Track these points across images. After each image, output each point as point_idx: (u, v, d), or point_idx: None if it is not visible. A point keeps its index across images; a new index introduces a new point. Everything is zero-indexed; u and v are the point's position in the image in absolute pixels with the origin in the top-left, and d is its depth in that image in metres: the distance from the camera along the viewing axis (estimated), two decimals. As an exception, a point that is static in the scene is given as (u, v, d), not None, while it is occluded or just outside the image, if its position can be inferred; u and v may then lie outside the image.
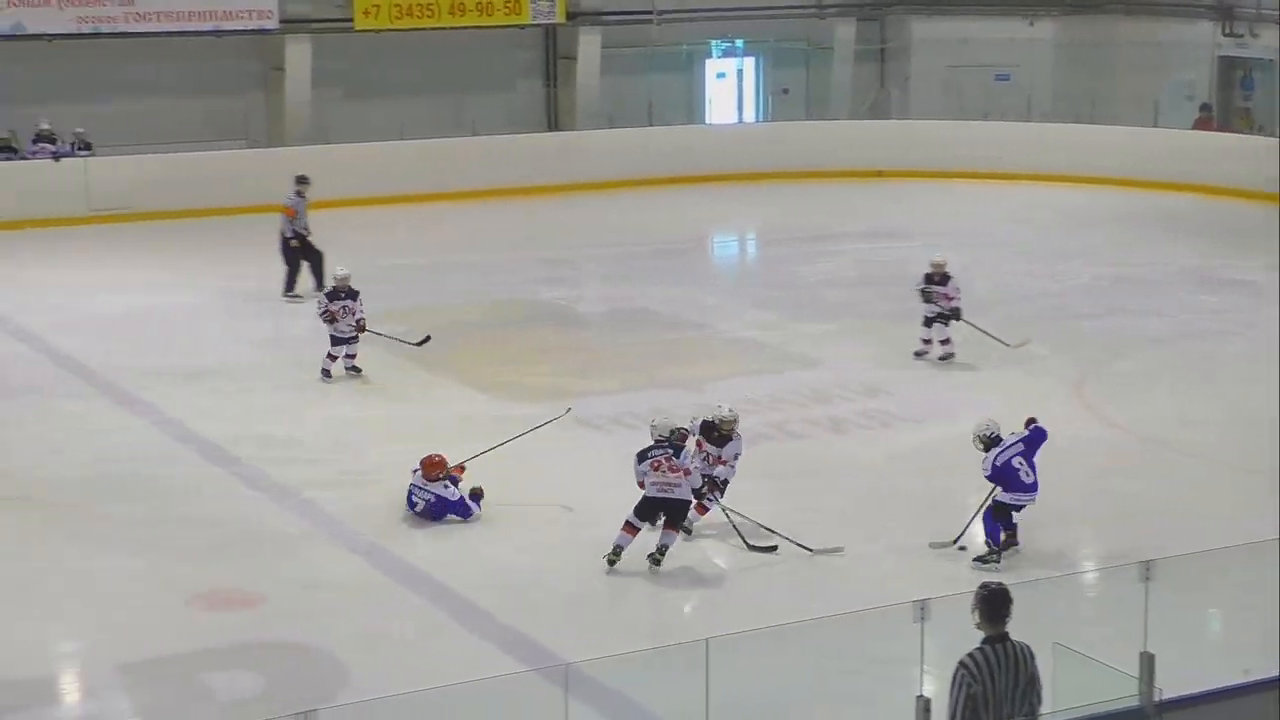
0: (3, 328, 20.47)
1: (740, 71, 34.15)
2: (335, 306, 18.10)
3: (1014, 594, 8.14)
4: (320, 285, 21.41)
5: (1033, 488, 13.19)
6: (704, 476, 13.32)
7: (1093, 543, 14.11)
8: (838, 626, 10.58)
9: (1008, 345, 18.93)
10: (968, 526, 13.35)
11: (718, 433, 13.64)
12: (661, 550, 12.93)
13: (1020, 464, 13.19)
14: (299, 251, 22.03)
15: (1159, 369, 19.09)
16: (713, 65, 33.90)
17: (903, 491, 14.75)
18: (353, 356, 18.26)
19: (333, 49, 30.04)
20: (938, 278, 18.96)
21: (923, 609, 8.81)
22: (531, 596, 12.44)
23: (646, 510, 12.98)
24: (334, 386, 18.05)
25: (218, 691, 11.07)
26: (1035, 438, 13.43)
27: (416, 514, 13.94)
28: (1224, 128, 31.85)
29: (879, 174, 31.46)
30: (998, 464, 13.14)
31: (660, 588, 12.73)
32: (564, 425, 16.32)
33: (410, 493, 14.01)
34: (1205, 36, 32.51)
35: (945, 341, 18.90)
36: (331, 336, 18.14)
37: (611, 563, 12.83)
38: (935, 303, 18.85)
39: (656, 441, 13.06)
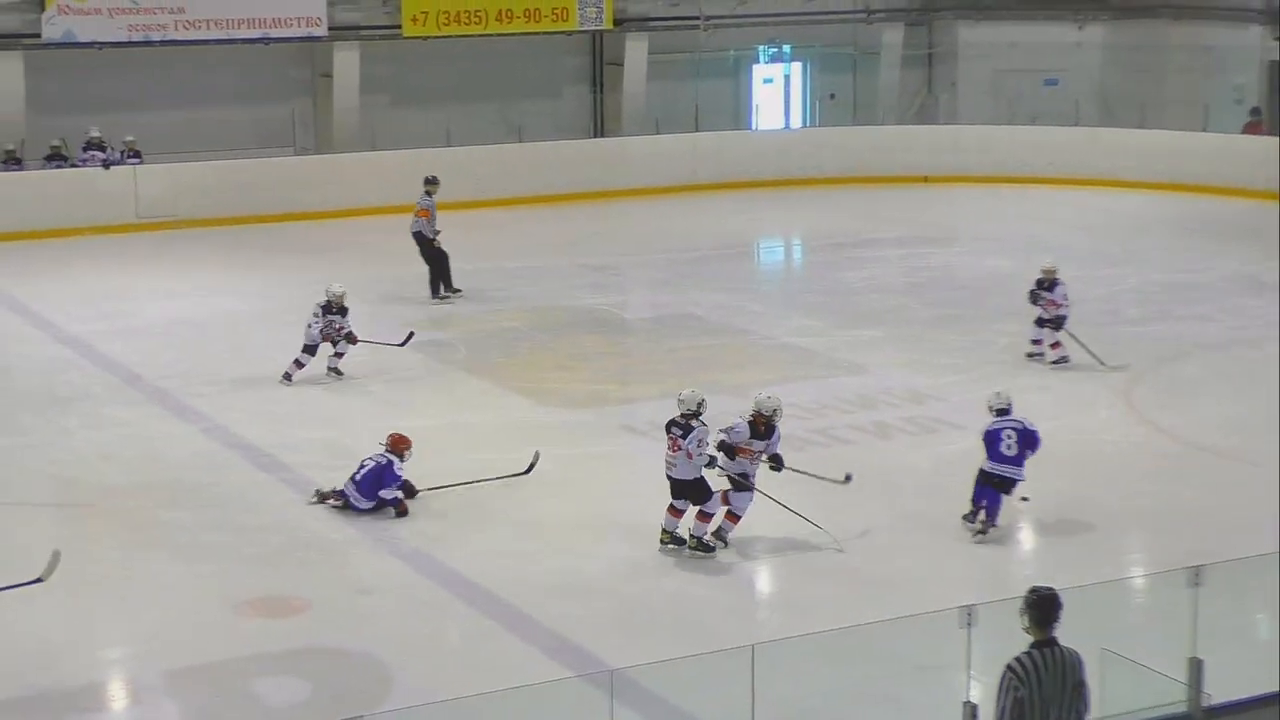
0: (53, 334, 20.65)
1: (787, 77, 34.14)
2: (326, 321, 18.39)
3: (1063, 599, 8.11)
4: (437, 290, 22.17)
5: (1011, 461, 13.73)
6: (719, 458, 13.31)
7: (1142, 548, 14.05)
8: (884, 632, 10.57)
9: (1104, 365, 18.79)
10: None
11: (764, 425, 13.51)
12: (696, 540, 13.18)
13: (1008, 436, 13.79)
14: (435, 251, 22.30)
15: (1208, 375, 18.99)
16: (759, 71, 33.89)
17: (950, 496, 14.70)
18: (301, 366, 18.37)
19: (380, 56, 30.19)
20: (1047, 283, 19.10)
21: (969, 614, 8.79)
22: (577, 602, 12.46)
23: (674, 490, 13.30)
24: (380, 394, 18.13)
25: (264, 697, 11.12)
26: (1032, 433, 13.87)
27: (355, 481, 14.16)
28: (1274, 132, 31.63)
29: (925, 179, 31.39)
30: (989, 429, 13.86)
31: (706, 592, 12.73)
32: (608, 431, 16.42)
33: (363, 464, 14.29)
34: (1254, 40, 32.33)
35: (1056, 345, 18.98)
36: (305, 345, 18.35)
37: (664, 542, 13.27)
38: (1042, 308, 18.95)
39: (681, 416, 13.27)
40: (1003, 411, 14.00)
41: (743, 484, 13.49)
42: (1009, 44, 33.50)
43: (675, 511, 13.33)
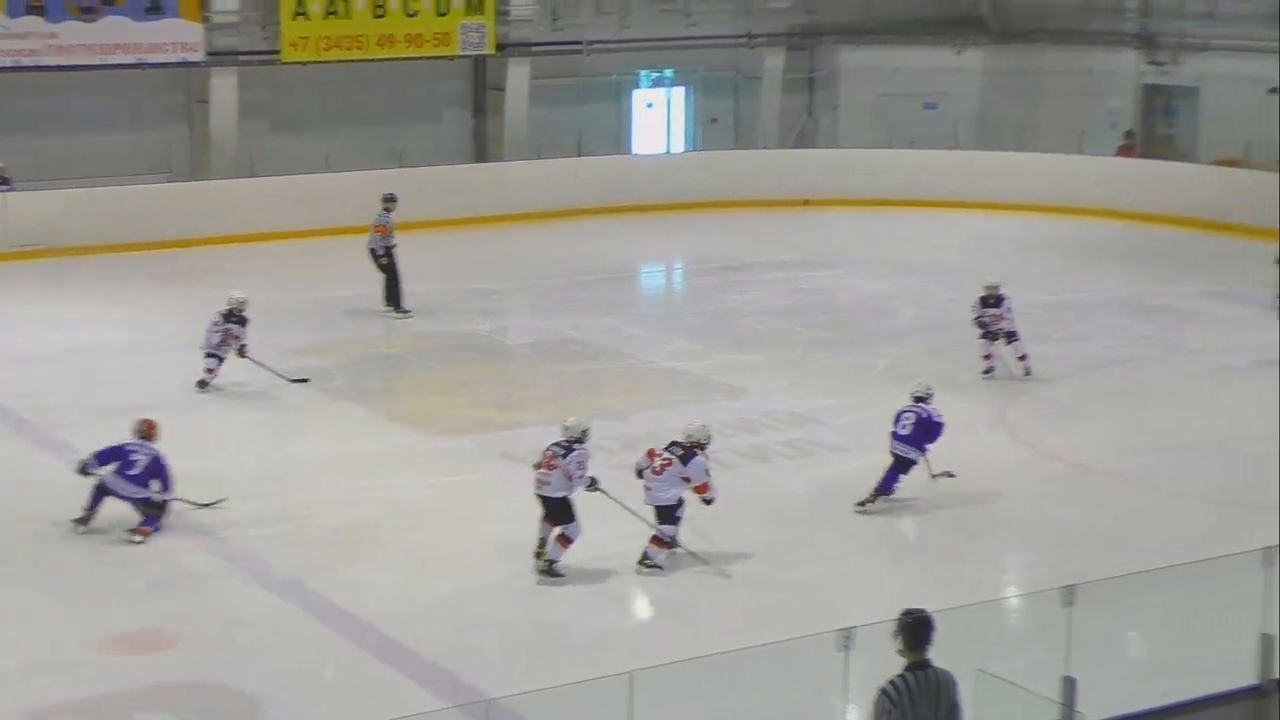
0: (-81, 365, 20.19)
1: (669, 101, 34.21)
2: (225, 329, 18.76)
3: (937, 621, 8.13)
4: (395, 303, 22.66)
5: (905, 440, 14.86)
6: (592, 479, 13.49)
7: (1020, 569, 14.16)
8: (763, 656, 10.53)
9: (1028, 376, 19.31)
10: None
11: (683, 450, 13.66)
12: (548, 564, 13.27)
13: (906, 418, 14.96)
14: (390, 267, 22.80)
15: (1087, 396, 19.19)
16: (641, 95, 33.93)
17: (829, 519, 14.75)
18: (211, 372, 18.73)
19: (259, 81, 29.89)
20: (992, 300, 19.50)
21: (847, 638, 8.79)
22: (455, 631, 12.35)
23: (544, 507, 13.43)
24: (257, 422, 17.91)
25: (133, 733, 10.90)
26: (933, 423, 14.97)
27: (130, 477, 14.19)
28: (1147, 155, 32.17)
29: (806, 203, 31.57)
30: (897, 410, 15.01)
31: (587, 618, 12.65)
32: (488, 458, 16.33)
33: (128, 453, 14.28)
34: (1129, 64, 32.88)
35: (1023, 358, 19.51)
36: (206, 352, 18.77)
37: (538, 555, 13.35)
38: (987, 325, 19.40)
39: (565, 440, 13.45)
40: (919, 399, 15.17)
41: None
42: (890, 68, 33.81)
43: (549, 520, 13.48)
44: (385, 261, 22.89)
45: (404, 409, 18.48)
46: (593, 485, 13.52)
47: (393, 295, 22.85)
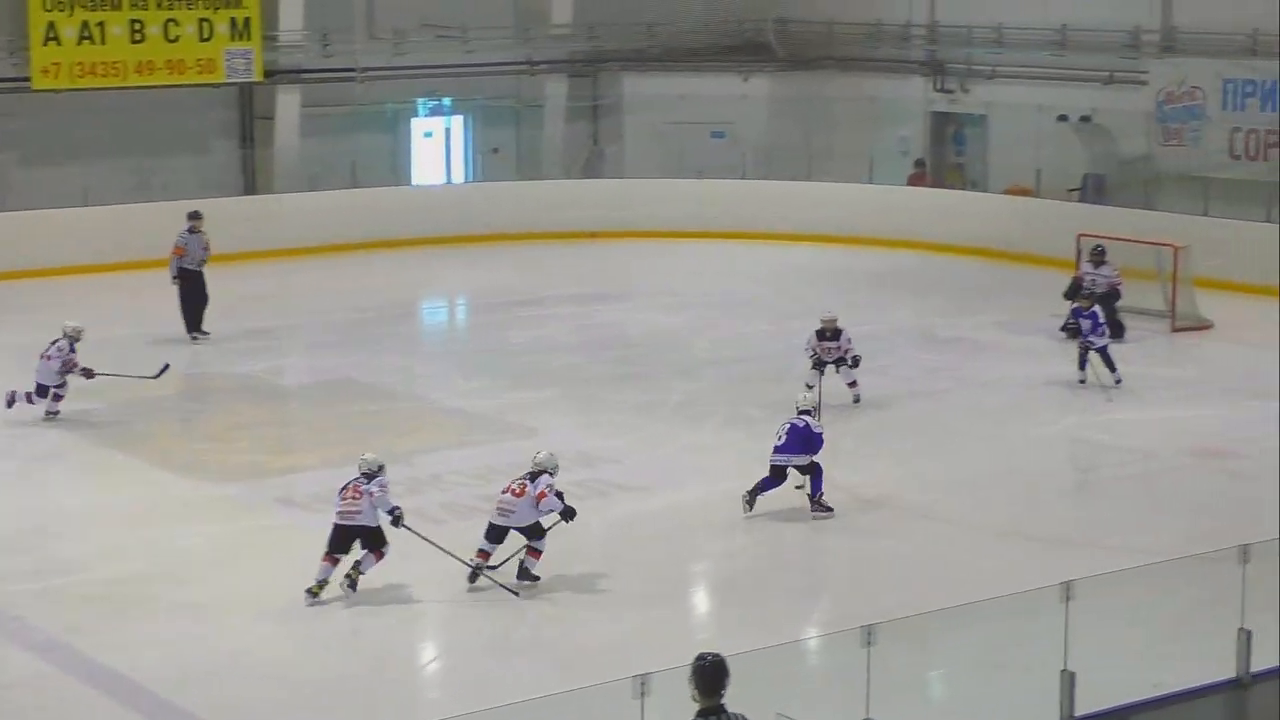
0: None
1: (448, 130, 34.20)
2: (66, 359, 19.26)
3: (732, 664, 8.23)
4: (191, 328, 23.28)
5: (780, 450, 16.05)
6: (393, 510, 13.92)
7: (819, 608, 14.38)
8: (559, 705, 10.56)
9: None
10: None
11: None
12: (355, 567, 13.71)
13: (782, 428, 16.17)
14: (187, 288, 23.33)
15: (880, 429, 19.57)
16: (419, 124, 33.86)
17: (623, 562, 14.83)
18: (60, 399, 19.25)
19: (8, 110, 29.21)
20: (829, 333, 19.94)
21: (643, 684, 8.85)
22: (232, 687, 12.17)
23: (336, 539, 13.73)
24: (14, 472, 17.48)
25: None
26: (810, 434, 16.10)
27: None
28: (938, 184, 32.98)
29: (593, 235, 31.77)
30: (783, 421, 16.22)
31: (372, 671, 12.57)
32: (264, 505, 16.14)
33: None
34: (918, 92, 33.72)
35: (852, 384, 20.09)
36: (39, 385, 19.10)
37: (314, 594, 13.55)
38: (822, 357, 19.83)
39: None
40: (803, 412, 16.36)
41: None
42: (676, 96, 34.19)
43: (330, 558, 13.75)
44: (178, 284, 23.28)
45: (175, 454, 18.19)
46: (395, 517, 13.90)
47: (188, 317, 23.24)
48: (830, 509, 16.00)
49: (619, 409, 20.02)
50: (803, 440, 16.03)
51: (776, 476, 16.03)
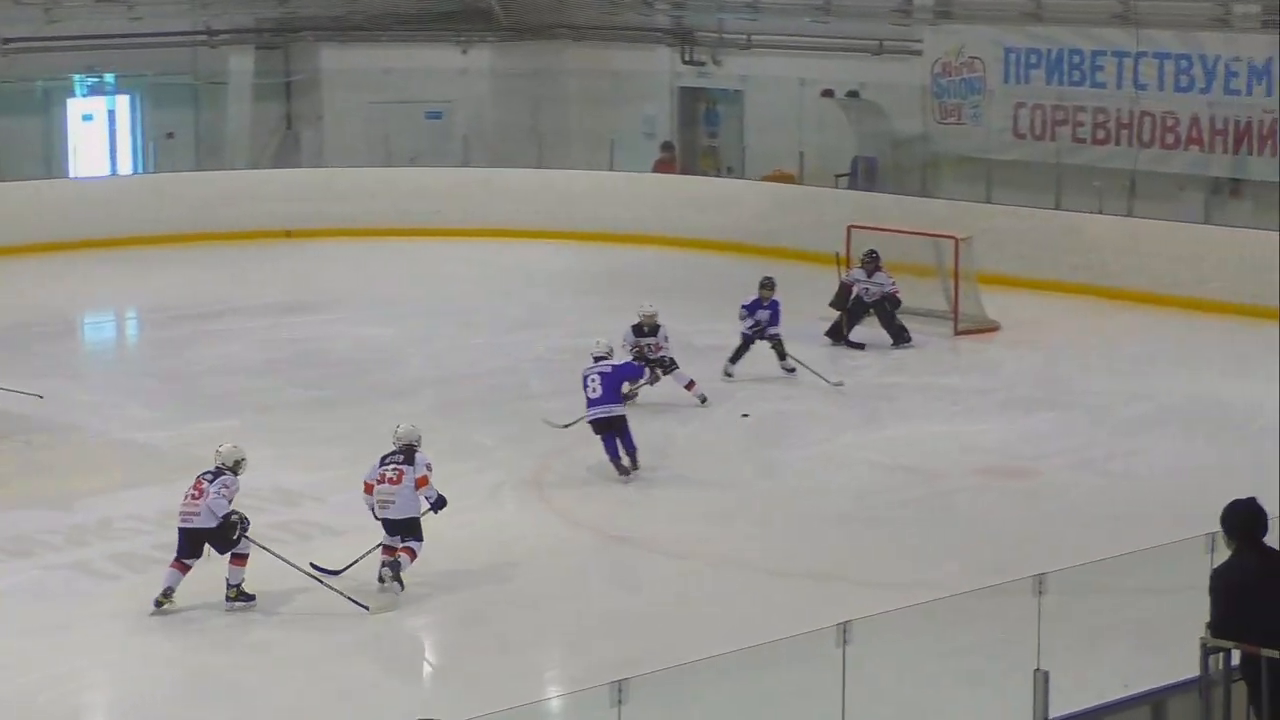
0: None
1: (112, 113, 33.56)
2: None
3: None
4: None
5: (598, 403, 17.97)
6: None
7: (561, 663, 14.38)
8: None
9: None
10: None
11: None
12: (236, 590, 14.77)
13: (592, 380, 18.09)
14: None
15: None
16: (76, 105, 33.19)
17: (329, 618, 14.69)
18: None
19: None
20: (647, 328, 20.70)
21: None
22: None
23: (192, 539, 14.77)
24: None
25: None
26: (625, 369, 18.59)
27: None
28: (688, 170, 33.29)
29: (289, 234, 31.46)
30: (582, 373, 18.13)
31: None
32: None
33: None
34: (664, 65, 33.97)
35: (690, 385, 21.08)
36: None
37: (159, 604, 14.51)
38: (646, 354, 20.51)
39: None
40: (599, 358, 18.25)
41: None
42: (381, 71, 34.03)
43: (180, 565, 14.65)
44: None
45: None
46: (227, 522, 14.74)
47: None
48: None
49: (321, 439, 19.82)
50: (615, 383, 18.15)
51: (611, 428, 18.14)
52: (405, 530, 15.00)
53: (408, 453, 15.23)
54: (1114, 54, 28.44)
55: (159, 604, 14.47)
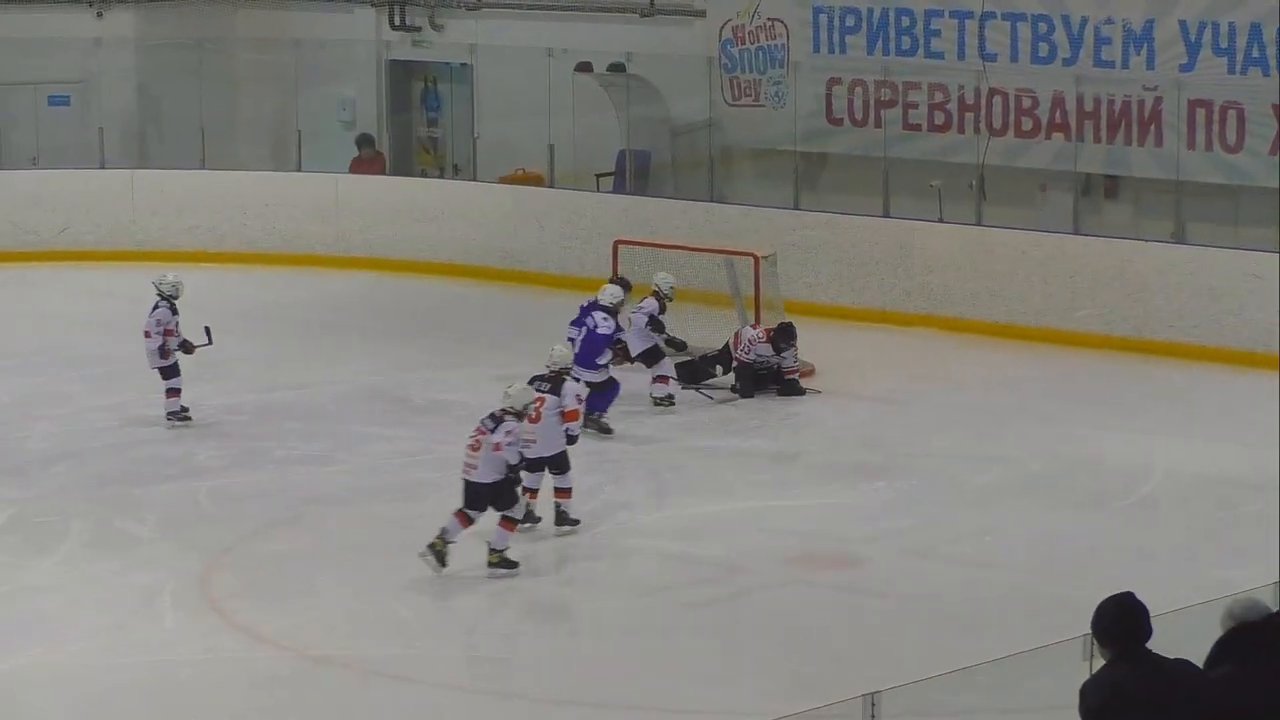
0: None
1: None
2: None
3: None
4: None
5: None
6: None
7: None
8: None
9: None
10: None
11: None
12: (492, 550, 18.04)
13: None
14: None
15: (326, 542, 19.65)
16: None
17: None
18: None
19: None
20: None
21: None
22: None
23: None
24: None
25: None
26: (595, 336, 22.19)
27: None
28: (401, 170, 33.22)
29: None
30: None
31: None
32: None
33: None
34: (367, 32, 33.84)
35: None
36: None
37: (434, 550, 17.90)
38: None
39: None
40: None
41: None
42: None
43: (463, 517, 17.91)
44: None
45: None
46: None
47: None
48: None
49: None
50: (587, 350, 22.01)
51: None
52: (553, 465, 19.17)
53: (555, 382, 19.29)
54: (953, 14, 28.53)
55: (434, 550, 17.88)
